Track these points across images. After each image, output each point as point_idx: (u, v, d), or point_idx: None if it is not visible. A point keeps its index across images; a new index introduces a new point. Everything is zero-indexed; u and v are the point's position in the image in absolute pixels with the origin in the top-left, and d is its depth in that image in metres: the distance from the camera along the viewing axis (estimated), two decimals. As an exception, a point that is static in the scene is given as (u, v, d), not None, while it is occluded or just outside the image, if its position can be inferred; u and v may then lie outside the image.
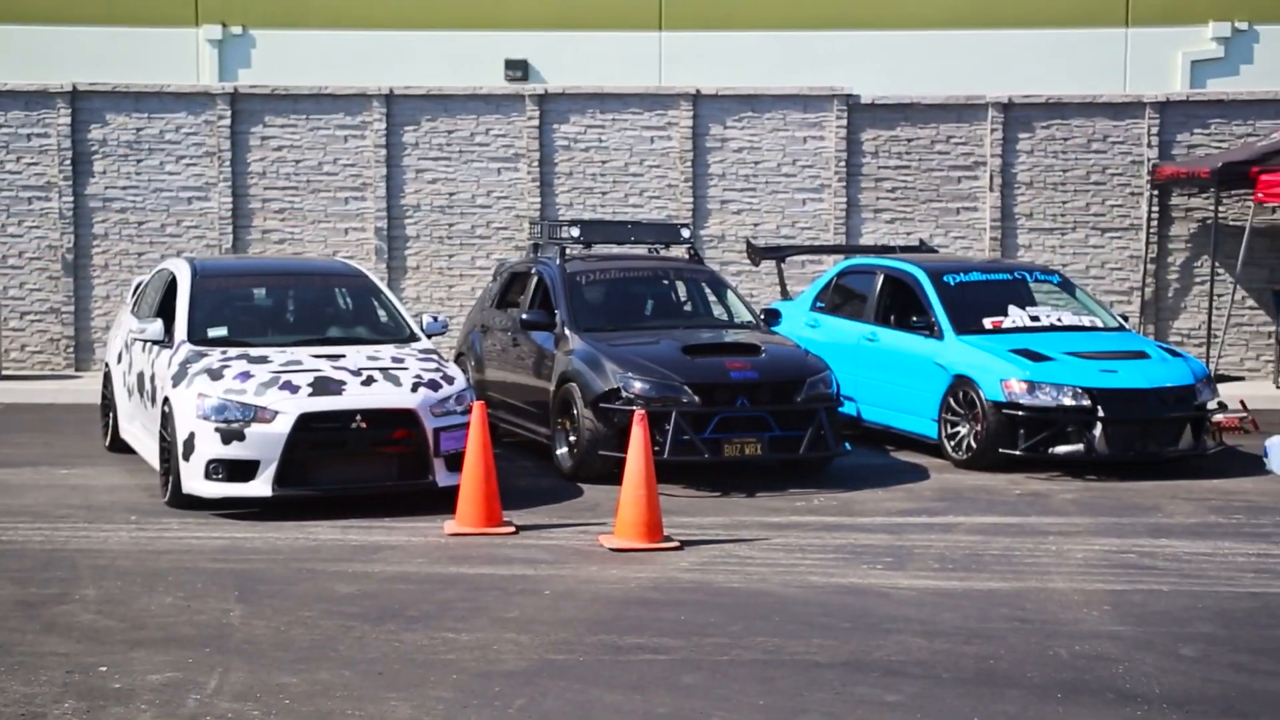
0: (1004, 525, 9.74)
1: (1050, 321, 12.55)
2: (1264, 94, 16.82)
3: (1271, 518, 9.96)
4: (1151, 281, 16.68)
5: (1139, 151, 16.67)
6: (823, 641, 7.03)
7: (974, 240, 16.85)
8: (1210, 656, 6.85)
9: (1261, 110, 16.54)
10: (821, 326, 13.62)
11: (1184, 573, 8.46)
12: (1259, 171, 14.59)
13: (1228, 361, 16.28)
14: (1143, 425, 11.56)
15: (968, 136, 16.85)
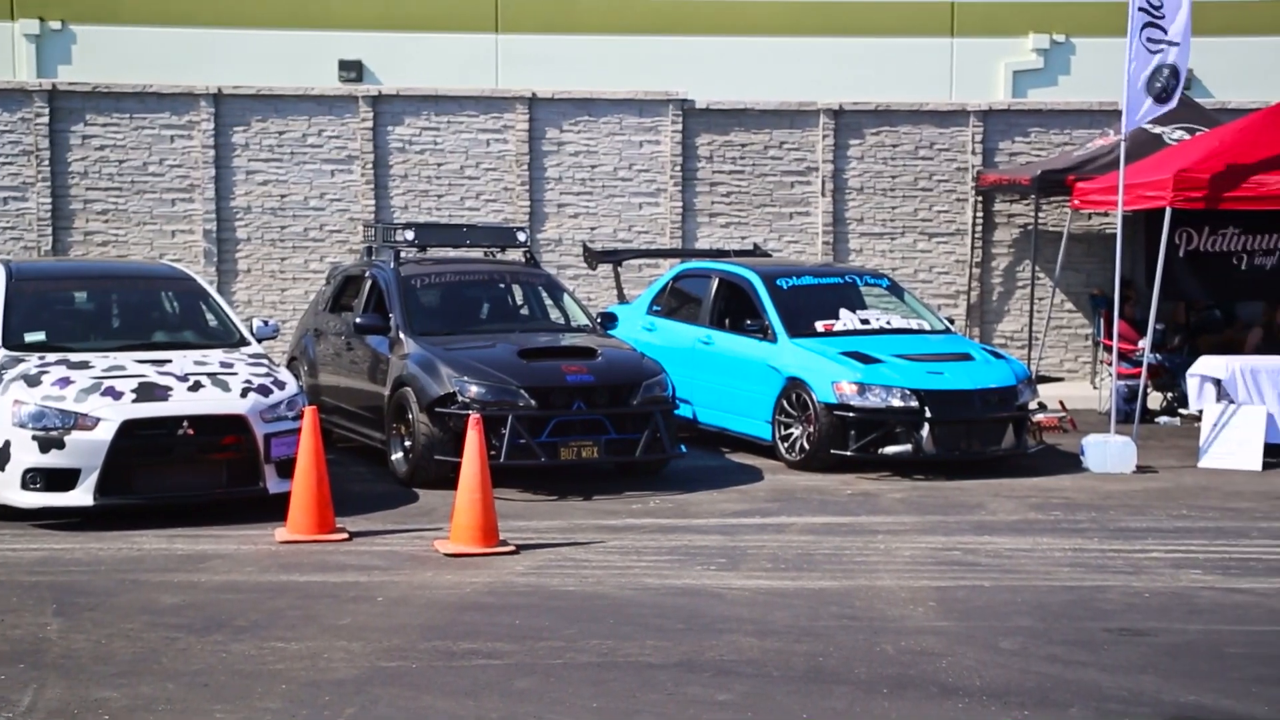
0: (835, 525, 9.93)
1: (880, 325, 12.83)
2: (1080, 104, 17.42)
3: (1087, 514, 10.33)
4: (977, 285, 17.16)
5: (964, 159, 17.14)
6: (656, 643, 7.08)
7: (807, 244, 17.13)
8: (1028, 649, 7.07)
9: (1078, 120, 17.13)
10: (658, 330, 13.72)
11: (1005, 568, 8.73)
12: (1075, 179, 15.10)
13: (1048, 363, 16.83)
14: (968, 425, 11.89)
15: (800, 142, 17.13)
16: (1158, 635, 7.30)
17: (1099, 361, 16.36)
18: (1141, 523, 10.04)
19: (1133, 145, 14.56)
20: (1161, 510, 10.48)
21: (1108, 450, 12.08)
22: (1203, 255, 14.23)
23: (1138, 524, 10.00)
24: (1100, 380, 16.06)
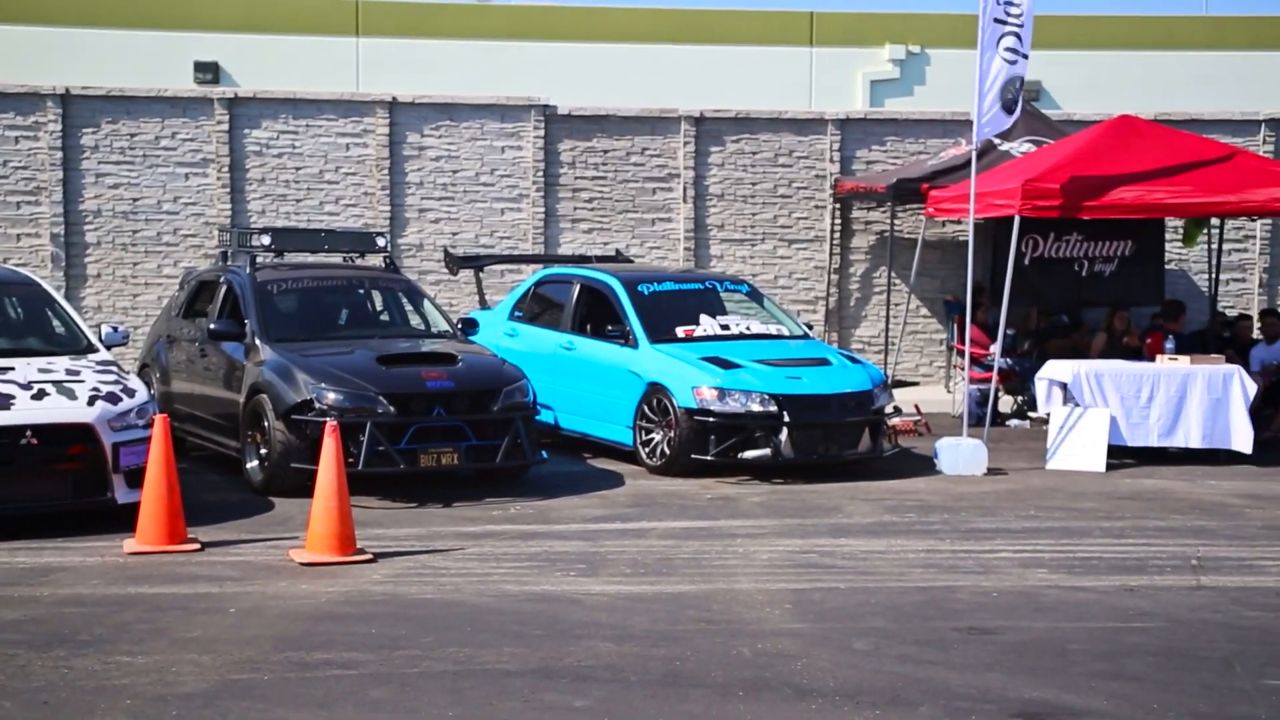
0: (695, 529, 10.00)
1: (740, 330, 12.95)
2: (934, 114, 17.78)
3: (939, 515, 10.55)
4: (835, 291, 17.42)
5: (823, 166, 17.39)
6: (514, 650, 7.06)
7: (669, 250, 17.23)
8: (881, 649, 7.20)
9: (931, 129, 17.48)
10: (520, 336, 13.69)
11: (860, 570, 8.87)
12: (930, 188, 15.42)
13: (904, 368, 17.15)
14: (825, 429, 12.06)
15: (662, 149, 17.23)
16: (1005, 633, 7.48)
17: (953, 366, 16.72)
18: (991, 524, 10.28)
19: (984, 155, 14.95)
20: (1010, 511, 10.74)
21: (960, 453, 12.35)
22: (1048, 261, 14.65)
23: (987, 525, 10.23)
24: (954, 384, 16.41)
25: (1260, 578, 8.73)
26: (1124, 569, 8.91)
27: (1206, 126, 16.79)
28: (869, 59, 23.31)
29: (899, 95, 22.75)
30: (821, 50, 23.23)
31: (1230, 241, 17.06)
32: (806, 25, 23.25)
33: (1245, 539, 9.82)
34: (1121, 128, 14.08)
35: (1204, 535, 9.92)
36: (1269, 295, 17.65)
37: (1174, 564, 9.05)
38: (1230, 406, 12.83)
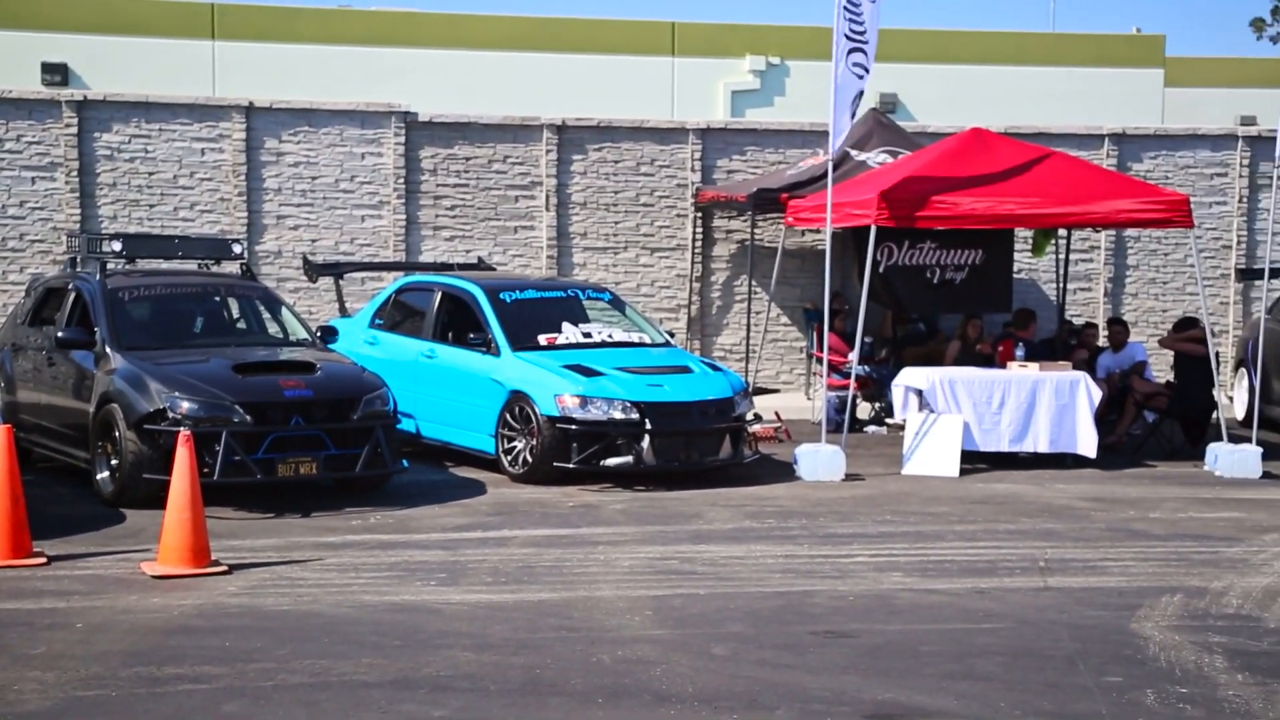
0: (556, 537, 10.00)
1: (602, 338, 12.99)
2: (793, 124, 18.02)
3: (798, 521, 10.69)
4: (697, 299, 17.55)
5: (684, 175, 17.51)
6: (372, 660, 6.99)
7: (531, 258, 17.21)
8: (739, 654, 7.27)
9: (791, 139, 17.72)
10: (380, 344, 13.56)
11: (720, 576, 8.95)
12: (789, 197, 15.63)
13: (765, 375, 17.34)
14: (687, 437, 12.14)
15: (524, 156, 17.20)
16: (860, 636, 7.61)
17: (812, 373, 16.95)
18: (848, 528, 10.45)
19: (841, 165, 15.20)
20: (867, 516, 10.93)
21: (819, 459, 12.54)
22: (902, 269, 14.96)
23: (845, 530, 10.40)
24: (814, 391, 16.64)
25: (1103, 578, 9.00)
26: (975, 571, 9.12)
27: (1054, 140, 17.28)
28: (730, 70, 23.60)
29: (760, 105, 23.07)
30: (683, 60, 23.46)
31: (1077, 252, 17.57)
32: (668, 36, 23.45)
33: (1089, 541, 10.12)
34: (973, 140, 14.43)
35: (1051, 538, 10.20)
36: (1114, 304, 18.22)
37: (1023, 566, 9.29)
38: (1076, 412, 13.21)
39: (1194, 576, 8.97)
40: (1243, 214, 18.29)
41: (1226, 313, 18.35)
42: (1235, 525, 10.67)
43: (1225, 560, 9.45)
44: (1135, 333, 17.40)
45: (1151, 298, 18.35)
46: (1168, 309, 18.24)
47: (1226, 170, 18.35)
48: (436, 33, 22.36)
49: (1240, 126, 19.18)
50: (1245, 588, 8.68)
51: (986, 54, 23.61)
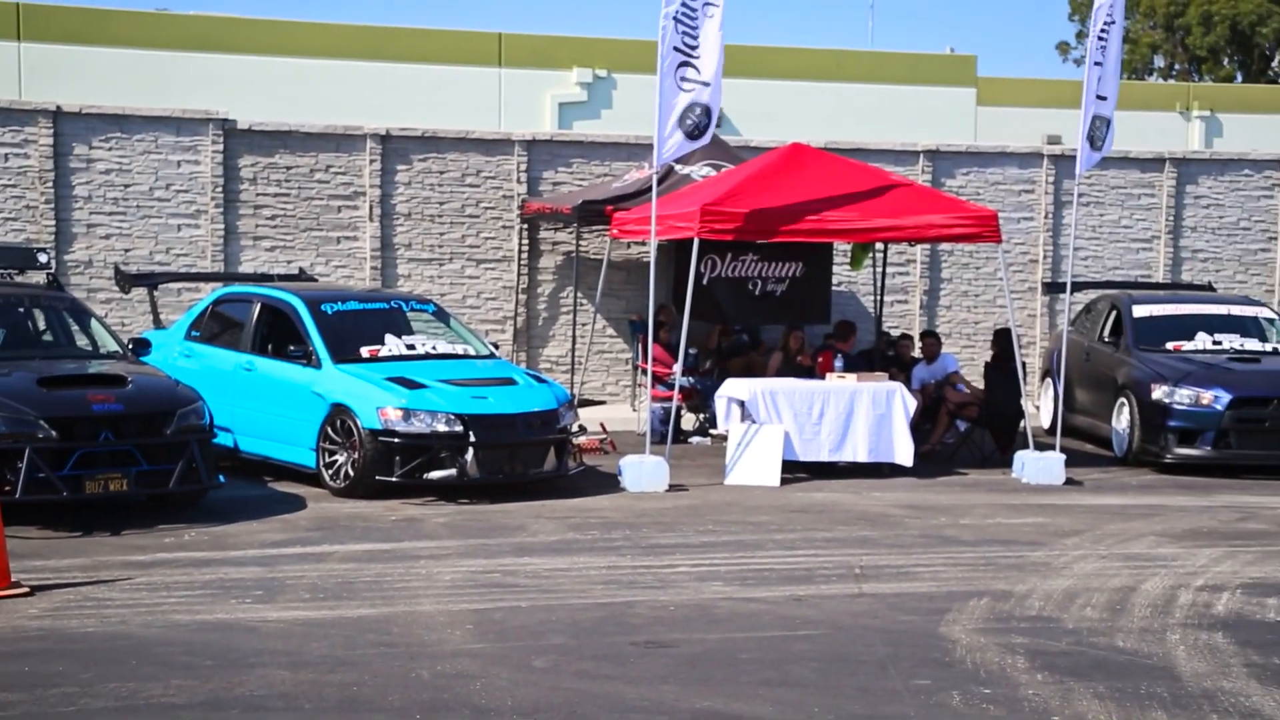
0: (378, 551, 9.89)
1: (426, 350, 12.89)
2: (619, 137, 18.14)
3: (622, 532, 10.76)
4: (523, 311, 17.54)
5: (510, 187, 17.49)
6: (182, 682, 6.82)
7: (355, 269, 17.00)
8: (560, 666, 7.29)
9: (617, 152, 17.83)
10: (196, 356, 13.25)
11: (542, 588, 8.95)
12: (614, 209, 15.72)
13: (591, 387, 17.40)
14: (511, 449, 12.12)
15: (348, 166, 16.98)
16: (680, 646, 7.68)
17: (637, 385, 17.07)
18: (671, 539, 10.55)
19: (665, 179, 15.35)
20: (690, 526, 11.04)
21: (643, 470, 12.63)
22: (725, 281, 15.17)
23: (668, 540, 10.50)
24: (639, 403, 16.75)
25: (916, 583, 9.25)
26: (793, 579, 9.29)
27: (871, 155, 17.71)
28: (557, 81, 23.67)
29: (587, 118, 23.18)
30: (510, 71, 23.45)
31: (894, 265, 18.03)
32: (495, 46, 23.41)
33: (903, 547, 10.39)
34: (793, 155, 14.70)
35: (867, 545, 10.44)
36: (929, 316, 18.73)
37: (839, 573, 9.49)
38: (893, 422, 13.54)
39: (1000, 580, 9.27)
40: (1048, 229, 18.99)
41: (1034, 325, 19.02)
42: (1039, 530, 11.06)
43: (1029, 564, 9.79)
44: (949, 344, 17.92)
45: (964, 310, 18.92)
46: (980, 321, 18.83)
47: (1033, 187, 19.04)
48: (257, 39, 21.95)
49: (1046, 145, 19.90)
50: (1047, 590, 9.01)
51: (808, 71, 24.11)
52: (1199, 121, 26.51)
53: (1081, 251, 18.83)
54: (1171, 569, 9.66)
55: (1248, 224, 19.55)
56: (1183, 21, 47.41)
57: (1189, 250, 19.41)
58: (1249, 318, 15.77)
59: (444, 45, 23.35)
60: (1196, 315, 15.70)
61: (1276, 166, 19.60)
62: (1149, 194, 19.33)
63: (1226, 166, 19.67)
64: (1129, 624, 8.17)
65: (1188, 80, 43.87)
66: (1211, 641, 7.81)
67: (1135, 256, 19.31)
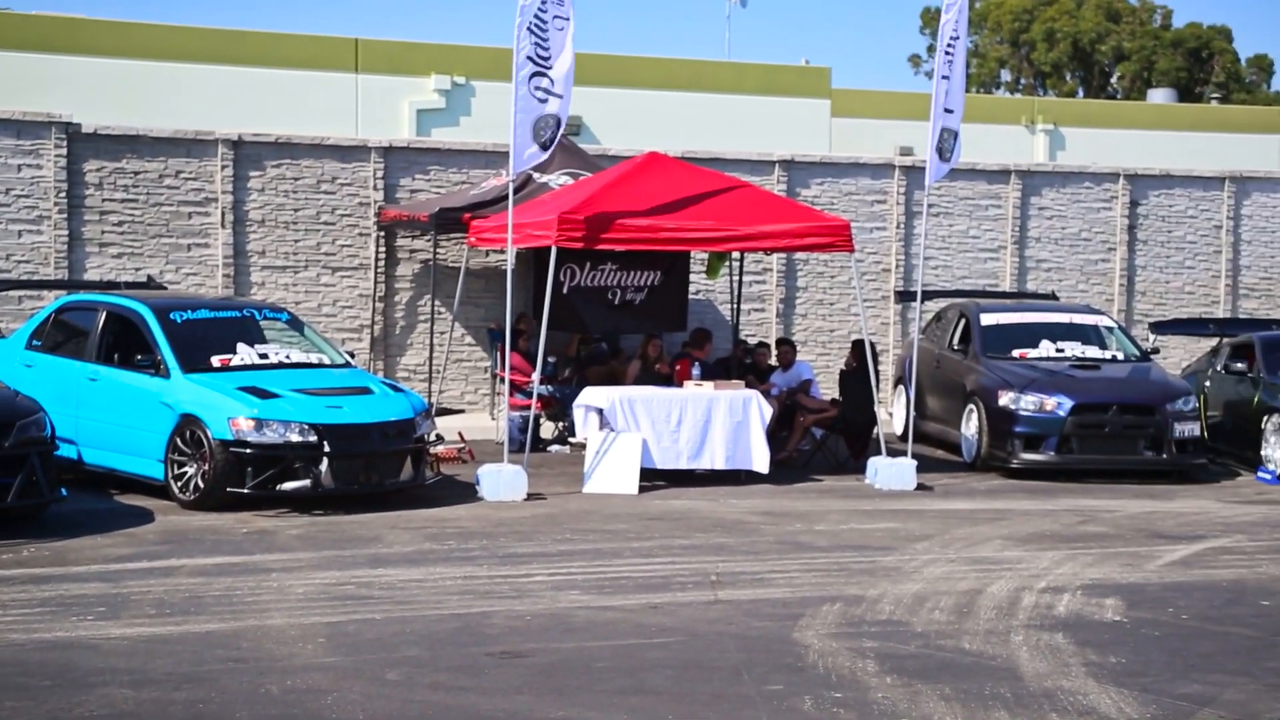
0: (228, 565, 9.70)
1: (279, 359, 12.69)
2: (476, 145, 18.06)
3: (479, 542, 10.70)
4: (380, 319, 17.35)
5: (366, 194, 17.30)
6: (17, 703, 6.60)
7: (207, 277, 16.66)
8: (414, 678, 7.22)
9: (475, 159, 17.75)
10: (38, 366, 12.87)
11: (397, 600, 8.86)
12: (471, 218, 15.64)
13: (449, 395, 17.29)
14: (367, 459, 11.99)
15: (198, 172, 16.64)
16: (536, 655, 7.67)
17: (496, 393, 17.00)
18: (528, 548, 10.52)
19: (523, 187, 15.33)
20: (547, 535, 11.02)
21: (501, 479, 12.58)
22: (584, 290, 15.20)
23: (525, 549, 10.47)
24: (497, 411, 16.68)
25: (770, 590, 9.35)
26: (650, 587, 9.33)
27: (728, 165, 17.89)
28: (416, 88, 23.48)
29: (445, 125, 23.04)
30: (368, 77, 23.21)
31: (750, 274, 18.23)
32: (352, 52, 23.15)
33: (759, 554, 10.50)
34: (650, 164, 14.78)
35: (723, 552, 10.53)
36: (785, 324, 18.98)
37: (695, 580, 9.56)
38: (749, 429, 13.68)
39: (852, 585, 9.42)
40: (900, 239, 19.38)
41: (887, 333, 19.39)
42: (891, 535, 11.27)
43: (881, 569, 9.97)
44: (805, 352, 18.18)
45: (820, 318, 19.21)
46: (834, 329, 19.13)
47: (885, 197, 19.41)
48: (103, 41, 21.40)
49: (898, 156, 20.32)
50: (897, 595, 9.18)
51: (666, 80, 24.27)
52: (1043, 135, 27.30)
53: (932, 261, 19.25)
54: (1016, 572, 9.91)
55: (1088, 235, 20.18)
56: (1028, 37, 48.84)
57: (1034, 260, 19.97)
58: (1090, 326, 16.27)
59: (300, 50, 23.02)
60: (1041, 323, 16.15)
61: (1115, 179, 20.27)
62: (996, 205, 19.85)
63: (1069, 179, 20.28)
64: (975, 626, 8.36)
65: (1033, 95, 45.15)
66: (1052, 642, 8.03)
67: (983, 266, 19.80)
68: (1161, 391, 14.86)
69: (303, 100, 21.92)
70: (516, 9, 12.80)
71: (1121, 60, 48.16)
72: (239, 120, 17.97)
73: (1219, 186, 20.56)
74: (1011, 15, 49.01)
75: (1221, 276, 20.48)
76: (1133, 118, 28.64)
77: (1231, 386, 15.84)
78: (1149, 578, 9.83)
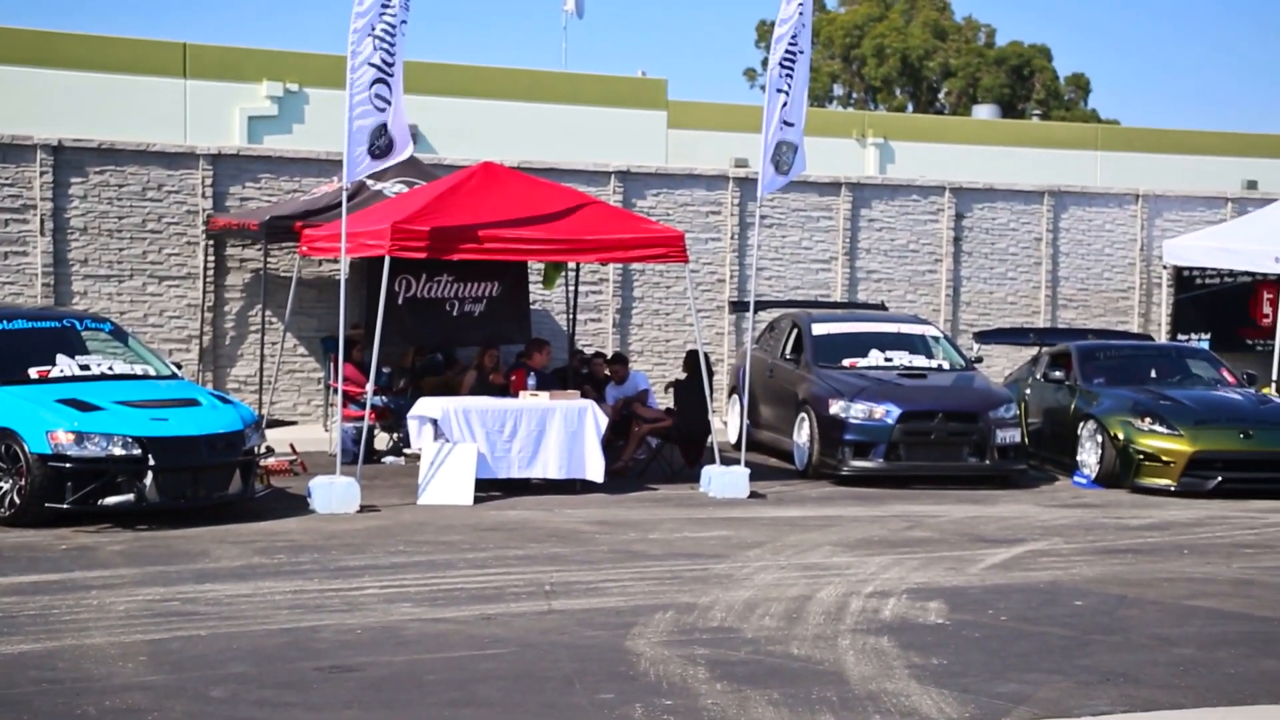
0: (45, 583, 9.39)
1: (102, 370, 12.36)
2: (309, 153, 17.81)
3: (310, 555, 10.54)
4: (210, 330, 16.99)
5: (195, 202, 16.93)
6: None
7: (25, 287, 16.12)
8: (239, 695, 7.08)
9: (307, 168, 17.50)
10: None
11: (224, 615, 8.68)
12: (303, 226, 15.41)
13: (281, 407, 17.00)
14: (194, 472, 11.73)
15: (15, 178, 16.10)
16: (366, 670, 7.58)
17: (330, 405, 16.77)
18: (360, 561, 10.40)
19: (357, 195, 15.16)
20: (380, 547, 10.91)
21: (333, 492, 12.41)
22: (421, 301, 15.08)
23: (357, 562, 10.34)
24: (331, 423, 16.46)
25: (604, 599, 9.39)
26: (484, 598, 9.30)
27: (564, 175, 17.94)
28: (247, 95, 23.03)
29: (278, 132, 22.64)
30: (197, 83, 22.70)
31: (587, 284, 18.31)
32: (180, 57, 22.62)
33: (593, 563, 10.54)
34: (485, 174, 14.73)
35: (558, 561, 10.54)
36: (621, 334, 19.09)
37: (529, 591, 9.55)
38: (585, 439, 13.72)
39: (685, 593, 9.51)
40: (735, 250, 19.65)
41: (722, 342, 19.63)
42: (724, 543, 11.41)
43: (713, 576, 10.09)
44: (641, 362, 18.33)
45: (656, 328, 19.36)
46: (671, 339, 19.30)
47: (720, 209, 19.66)
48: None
49: (733, 168, 20.60)
50: (729, 602, 9.30)
51: (503, 90, 24.22)
52: (874, 148, 27.93)
53: (765, 271, 19.55)
54: (845, 577, 10.12)
55: (916, 246, 20.71)
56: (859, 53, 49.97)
57: (864, 271, 20.43)
58: (917, 336, 16.70)
59: (125, 54, 22.40)
60: (870, 333, 16.53)
61: (941, 192, 20.85)
62: (827, 217, 20.25)
63: (897, 191, 20.80)
64: (804, 632, 8.52)
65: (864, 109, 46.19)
66: (878, 645, 8.22)
67: (815, 277, 20.18)
68: (984, 399, 15.31)
69: (129, 106, 21.35)
70: (352, 14, 12.64)
71: (948, 76, 49.56)
72: (60, 125, 17.42)
73: (1039, 200, 21.28)
74: (843, 31, 50.09)
75: (1041, 287, 21.20)
76: (959, 132, 29.47)
77: (1050, 394, 16.41)
78: (971, 581, 10.12)
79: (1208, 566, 10.80)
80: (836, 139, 27.28)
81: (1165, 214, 21.69)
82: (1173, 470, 14.62)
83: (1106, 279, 21.51)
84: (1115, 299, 21.56)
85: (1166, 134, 29.80)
